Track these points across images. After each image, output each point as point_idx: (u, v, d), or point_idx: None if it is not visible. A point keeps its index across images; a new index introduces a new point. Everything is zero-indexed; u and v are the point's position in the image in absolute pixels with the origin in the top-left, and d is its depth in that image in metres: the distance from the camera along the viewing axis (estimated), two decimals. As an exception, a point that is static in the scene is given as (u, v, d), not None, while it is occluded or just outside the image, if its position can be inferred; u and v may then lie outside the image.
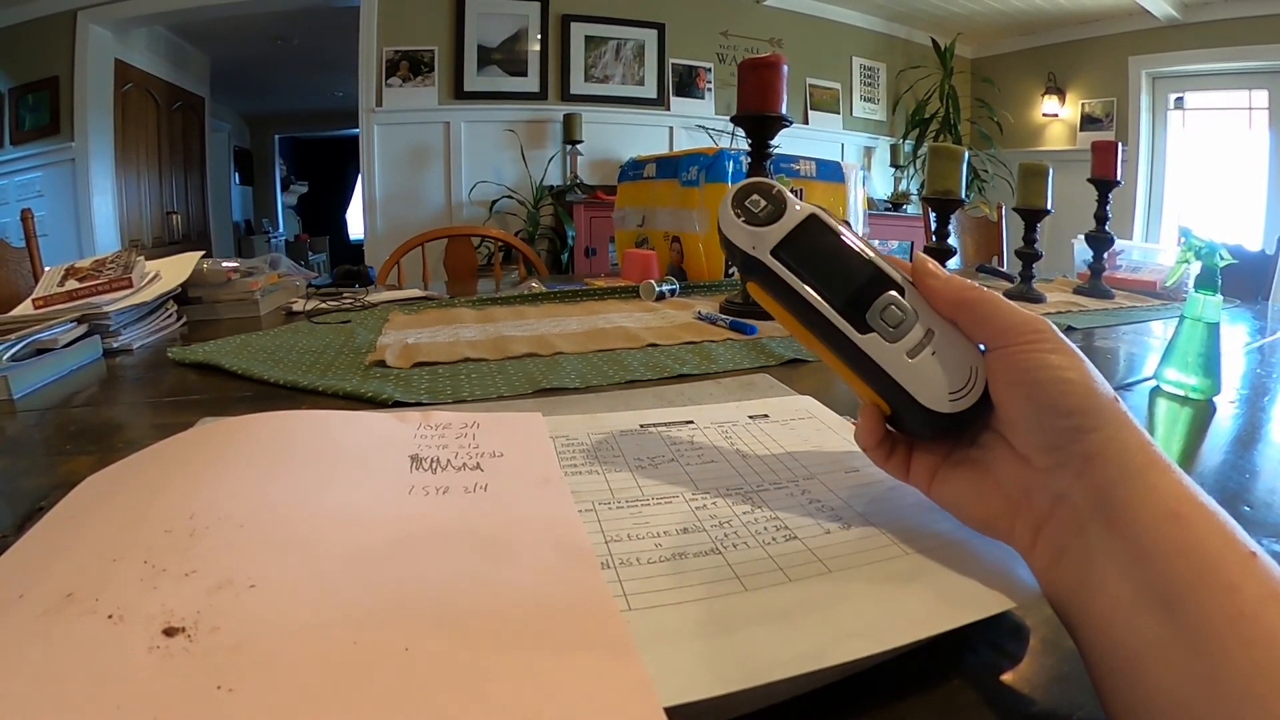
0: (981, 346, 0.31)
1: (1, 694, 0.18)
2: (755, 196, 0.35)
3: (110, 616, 0.21)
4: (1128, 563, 0.24)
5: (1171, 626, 0.21)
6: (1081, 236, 1.52)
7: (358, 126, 4.02)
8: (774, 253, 0.33)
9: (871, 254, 0.33)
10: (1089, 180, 1.45)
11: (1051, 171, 1.37)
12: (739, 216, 0.34)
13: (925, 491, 0.33)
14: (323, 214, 9.06)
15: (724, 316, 0.99)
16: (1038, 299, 1.30)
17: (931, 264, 0.32)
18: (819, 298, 0.32)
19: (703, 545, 0.30)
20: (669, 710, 0.19)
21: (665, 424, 0.45)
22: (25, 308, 0.88)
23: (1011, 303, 0.30)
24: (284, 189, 8.44)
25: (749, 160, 1.04)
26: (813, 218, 0.34)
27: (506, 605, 0.24)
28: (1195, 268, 0.69)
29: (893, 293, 0.32)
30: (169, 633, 0.20)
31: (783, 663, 0.22)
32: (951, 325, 0.32)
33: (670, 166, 1.54)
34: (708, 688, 0.21)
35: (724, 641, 0.23)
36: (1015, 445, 0.29)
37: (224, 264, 1.09)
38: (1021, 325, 0.29)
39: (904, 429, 0.33)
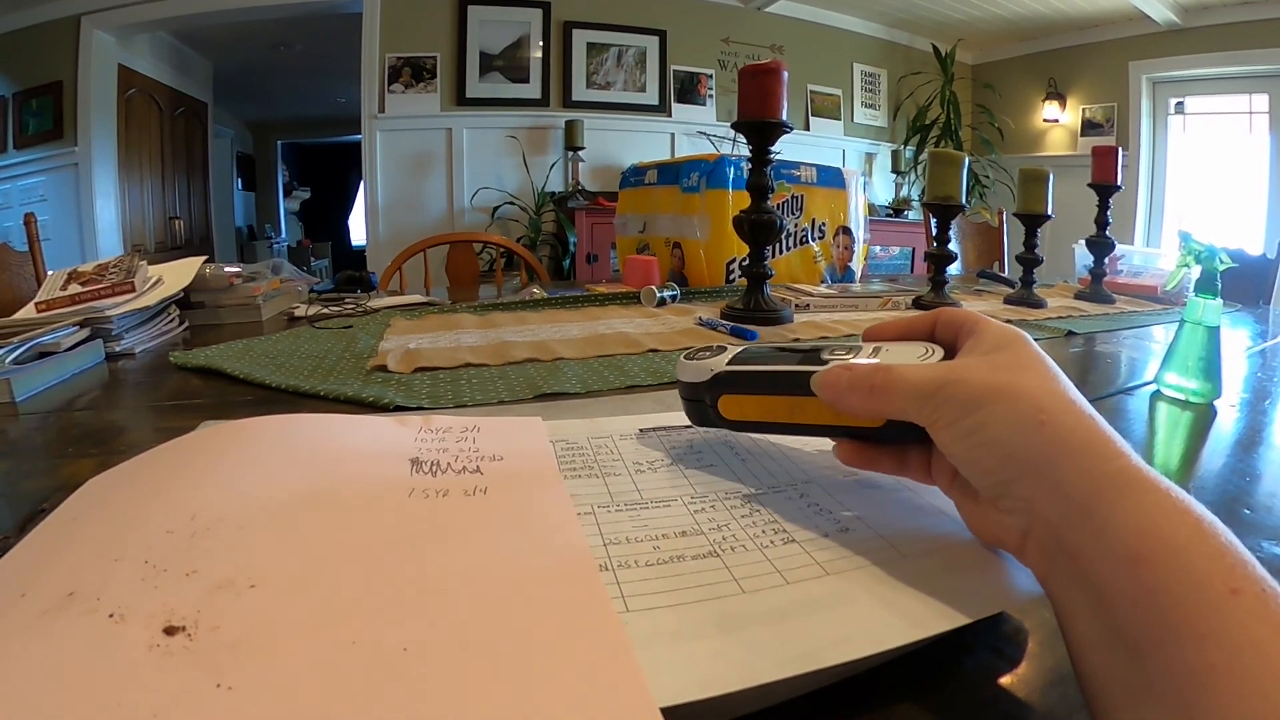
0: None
1: (3, 691, 0.18)
2: (698, 350, 0.42)
3: (111, 615, 0.21)
4: (1091, 605, 0.23)
5: (1140, 673, 0.20)
6: (1082, 241, 1.53)
7: (360, 132, 4.03)
8: (730, 363, 0.40)
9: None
10: (1090, 185, 1.45)
11: (1052, 177, 1.37)
12: (692, 360, 0.41)
13: (946, 490, 0.32)
14: (325, 219, 9.08)
15: (725, 322, 0.99)
16: (1038, 304, 1.30)
17: (829, 392, 0.33)
18: (779, 366, 0.37)
19: (701, 548, 0.30)
20: (665, 711, 0.20)
21: (665, 428, 0.45)
22: (28, 311, 0.88)
23: (904, 371, 0.31)
24: (286, 194, 8.47)
25: (750, 166, 1.04)
26: (749, 345, 0.42)
27: (504, 607, 0.24)
28: (1195, 272, 0.69)
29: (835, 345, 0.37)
30: (169, 631, 0.21)
31: (780, 664, 0.23)
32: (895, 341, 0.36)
33: (671, 173, 1.54)
34: (704, 688, 0.21)
35: (721, 643, 0.23)
36: None
37: (226, 269, 1.09)
38: (920, 403, 0.29)
39: (894, 423, 0.33)
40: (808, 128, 4.87)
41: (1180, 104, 4.71)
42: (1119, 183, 1.45)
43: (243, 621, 0.21)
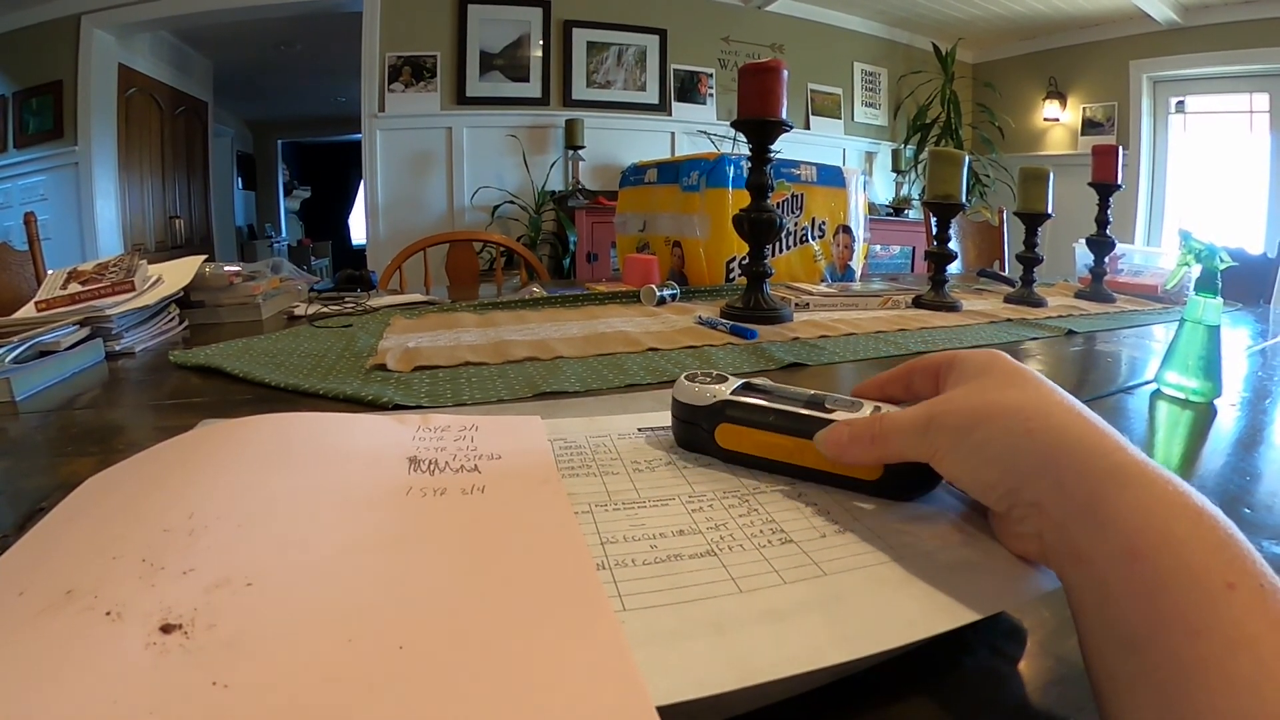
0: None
1: (0, 689, 0.18)
2: (698, 375, 0.42)
3: (108, 613, 0.21)
4: (1093, 602, 0.23)
5: (1137, 666, 0.21)
6: (1083, 240, 1.53)
7: (360, 131, 4.03)
8: (735, 392, 0.40)
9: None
10: (1090, 184, 1.45)
11: (1052, 176, 1.37)
12: (692, 382, 0.41)
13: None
14: (325, 219, 9.08)
15: (724, 321, 0.99)
16: (1038, 303, 1.30)
17: (833, 448, 0.35)
18: (785, 405, 0.38)
19: (698, 547, 0.30)
20: (662, 710, 0.20)
21: (664, 427, 0.45)
22: (28, 310, 0.88)
23: (898, 416, 0.32)
24: (287, 194, 8.47)
25: (750, 165, 1.04)
26: (748, 380, 0.42)
27: (501, 605, 0.24)
28: (1196, 271, 0.69)
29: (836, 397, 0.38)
30: (166, 629, 0.21)
31: (777, 663, 0.22)
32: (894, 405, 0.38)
33: (671, 172, 1.54)
34: (701, 688, 0.21)
35: (718, 642, 0.23)
36: None
37: (226, 268, 1.09)
38: (918, 439, 0.31)
39: (889, 481, 0.35)
40: (808, 127, 4.87)
41: (1181, 103, 4.71)
42: (1119, 182, 1.44)
43: (240, 620, 0.21)
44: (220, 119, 6.13)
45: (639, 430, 0.45)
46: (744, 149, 1.08)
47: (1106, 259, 1.47)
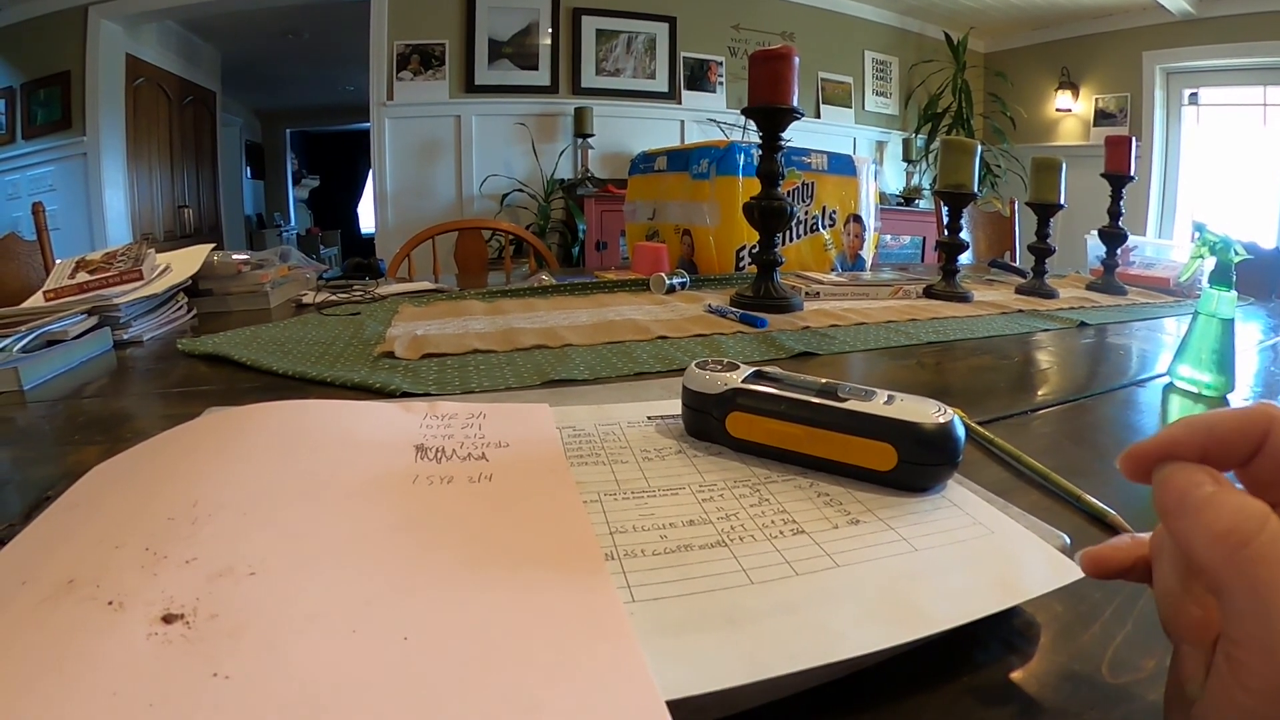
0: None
1: (0, 681, 0.18)
2: (709, 363, 0.42)
3: (110, 603, 0.21)
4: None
5: None
6: (1095, 232, 1.51)
7: (369, 120, 4.02)
8: (746, 380, 0.40)
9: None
10: (1102, 175, 1.44)
11: (1065, 166, 1.35)
12: (704, 370, 0.41)
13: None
14: (334, 208, 9.08)
15: (734, 309, 0.99)
16: (1050, 294, 1.29)
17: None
18: (797, 394, 0.38)
19: (709, 538, 0.30)
20: (671, 704, 0.19)
21: (673, 416, 0.45)
22: (36, 300, 0.88)
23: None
24: (295, 183, 8.47)
25: (760, 153, 1.03)
26: (759, 369, 0.42)
27: (508, 596, 0.24)
28: (1209, 263, 0.68)
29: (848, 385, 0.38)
30: (168, 619, 0.20)
31: (789, 657, 0.22)
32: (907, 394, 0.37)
33: (681, 159, 1.53)
34: (711, 681, 0.21)
35: (728, 635, 0.23)
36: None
37: (234, 256, 1.09)
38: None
39: (902, 472, 0.35)
40: (819, 115, 4.84)
41: (1194, 95, 4.66)
42: (1132, 173, 1.43)
43: (242, 609, 0.21)
44: (228, 108, 6.13)
45: (648, 418, 0.45)
46: (754, 137, 1.07)
47: (1118, 251, 1.46)
